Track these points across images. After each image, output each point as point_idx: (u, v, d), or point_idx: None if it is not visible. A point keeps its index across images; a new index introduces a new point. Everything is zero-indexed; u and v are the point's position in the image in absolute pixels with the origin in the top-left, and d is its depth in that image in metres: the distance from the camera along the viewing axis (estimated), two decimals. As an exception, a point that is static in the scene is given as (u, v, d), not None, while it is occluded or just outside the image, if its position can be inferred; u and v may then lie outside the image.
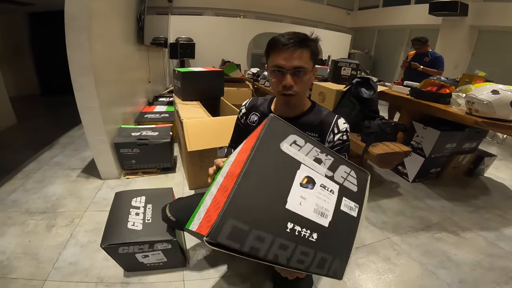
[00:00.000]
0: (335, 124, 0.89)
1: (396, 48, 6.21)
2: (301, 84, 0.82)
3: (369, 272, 1.31)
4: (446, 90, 2.01)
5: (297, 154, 0.55)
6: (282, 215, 0.48)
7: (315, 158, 0.57)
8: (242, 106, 1.08)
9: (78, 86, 1.61)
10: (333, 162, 0.59)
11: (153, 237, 1.07)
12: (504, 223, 1.80)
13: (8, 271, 1.19)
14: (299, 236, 0.49)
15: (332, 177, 0.57)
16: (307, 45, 0.79)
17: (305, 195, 0.52)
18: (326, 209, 0.54)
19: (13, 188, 1.83)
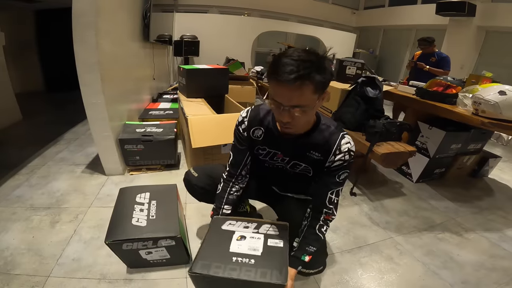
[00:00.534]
0: (338, 146, 0.87)
1: (401, 48, 6.16)
2: (301, 119, 0.76)
3: (372, 271, 1.31)
4: (452, 90, 1.98)
5: (232, 228, 0.97)
6: (228, 254, 0.85)
7: (244, 226, 0.98)
8: (242, 117, 0.99)
9: (84, 82, 1.61)
10: (257, 225, 0.98)
11: (157, 234, 1.07)
12: (507, 224, 1.79)
13: (11, 267, 1.19)
14: (242, 263, 0.83)
15: (257, 232, 0.95)
16: (309, 79, 0.67)
17: (241, 244, 0.90)
18: (256, 247, 0.89)
19: (17, 183, 1.84)
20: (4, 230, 1.41)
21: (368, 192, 2.03)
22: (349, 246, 1.47)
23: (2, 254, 1.25)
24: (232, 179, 1.05)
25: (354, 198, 1.94)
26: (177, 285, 1.15)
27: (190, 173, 1.21)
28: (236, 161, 1.03)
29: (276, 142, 0.94)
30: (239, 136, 1.00)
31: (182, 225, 1.24)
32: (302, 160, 0.93)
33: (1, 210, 1.55)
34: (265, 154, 0.98)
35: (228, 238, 0.91)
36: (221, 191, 1.06)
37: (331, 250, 1.43)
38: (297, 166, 0.96)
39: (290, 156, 0.94)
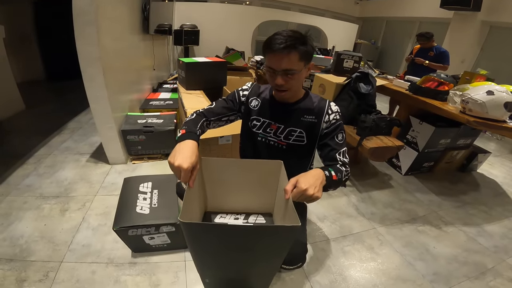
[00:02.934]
0: (328, 107, 1.00)
1: (404, 40, 6.09)
2: (292, 82, 0.90)
3: (353, 259, 1.43)
4: (445, 87, 2.04)
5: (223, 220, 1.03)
6: None
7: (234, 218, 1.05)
8: (247, 86, 1.10)
9: (87, 77, 1.68)
10: (246, 216, 1.06)
11: (159, 221, 1.18)
12: (487, 219, 1.87)
13: (27, 254, 1.29)
14: None
15: (247, 222, 1.03)
16: (295, 48, 0.83)
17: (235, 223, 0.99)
18: None
19: (26, 173, 1.92)
20: (18, 219, 1.50)
21: (358, 184, 2.13)
22: (334, 235, 1.58)
23: (17, 242, 1.35)
24: (203, 118, 0.99)
25: (343, 189, 2.05)
26: (176, 268, 1.27)
27: (181, 186, 1.19)
28: (215, 111, 1.02)
29: (271, 111, 1.04)
30: (235, 96, 1.07)
31: (181, 212, 1.35)
32: (297, 125, 1.01)
33: (13, 200, 1.64)
34: (259, 125, 1.06)
35: None
36: (195, 119, 0.96)
37: (317, 238, 1.54)
38: (292, 133, 1.03)
39: (285, 123, 1.03)
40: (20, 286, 1.13)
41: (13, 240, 1.36)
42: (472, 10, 4.10)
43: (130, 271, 1.24)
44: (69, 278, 1.19)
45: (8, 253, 1.28)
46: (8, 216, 1.51)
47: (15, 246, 1.32)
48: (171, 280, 1.22)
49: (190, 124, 0.92)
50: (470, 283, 1.35)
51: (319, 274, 1.32)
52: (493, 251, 1.58)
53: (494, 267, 1.46)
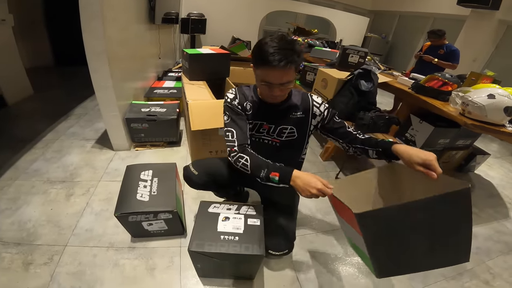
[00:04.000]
0: (313, 101, 1.09)
1: (415, 35, 5.91)
2: (287, 91, 0.98)
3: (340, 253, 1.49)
4: (448, 87, 2.03)
5: (217, 210, 1.16)
6: (217, 234, 1.06)
7: (227, 208, 1.17)
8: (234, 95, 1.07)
9: (93, 68, 1.73)
10: (237, 207, 1.18)
11: (158, 208, 1.26)
12: (476, 220, 1.88)
13: (34, 238, 1.37)
14: (229, 240, 1.03)
15: (238, 213, 1.15)
16: (293, 62, 0.87)
17: (226, 224, 1.10)
18: (239, 226, 1.09)
19: (34, 157, 2.00)
20: (26, 203, 1.58)
21: (353, 179, 2.16)
22: (324, 228, 1.64)
23: (25, 226, 1.43)
24: (244, 147, 1.01)
25: (337, 184, 2.08)
26: (172, 253, 1.36)
27: (189, 170, 1.23)
28: (242, 131, 1.03)
29: (261, 113, 1.08)
30: (234, 109, 1.05)
31: (179, 200, 1.43)
32: (287, 122, 1.09)
33: (21, 184, 1.72)
34: (251, 127, 1.10)
35: (214, 220, 1.11)
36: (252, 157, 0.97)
37: (307, 230, 1.60)
38: (283, 131, 1.10)
39: (276, 123, 1.09)
40: (26, 269, 1.21)
41: (21, 224, 1.43)
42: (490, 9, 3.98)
43: (128, 255, 1.32)
44: (72, 261, 1.27)
45: (16, 237, 1.36)
46: (17, 200, 1.59)
47: (22, 230, 1.40)
48: (166, 264, 1.30)
49: (263, 165, 0.95)
50: (446, 283, 1.38)
51: (306, 266, 1.38)
52: (474, 252, 1.60)
53: (473, 269, 1.49)
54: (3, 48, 2.72)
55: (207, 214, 1.14)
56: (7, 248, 1.29)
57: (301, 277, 1.32)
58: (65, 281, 1.18)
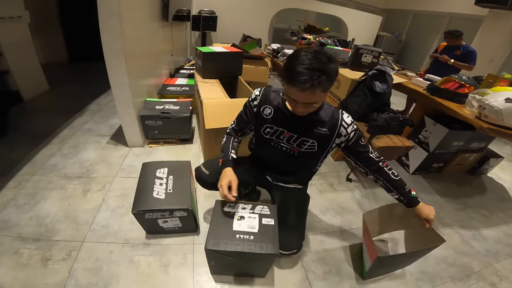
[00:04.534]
0: (342, 120, 1.04)
1: (430, 35, 5.78)
2: (312, 109, 0.95)
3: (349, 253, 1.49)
4: (465, 89, 1.99)
5: (232, 210, 1.18)
6: (232, 233, 1.08)
7: (242, 208, 1.19)
8: (255, 95, 1.13)
9: (110, 66, 1.77)
10: (252, 206, 1.20)
11: (173, 206, 1.28)
12: (486, 223, 1.88)
13: (52, 233, 1.40)
14: (244, 239, 1.06)
15: (253, 212, 1.17)
16: (320, 85, 0.82)
17: (241, 223, 1.12)
18: (254, 225, 1.11)
19: (51, 153, 2.04)
20: (43, 198, 1.61)
21: (364, 180, 2.16)
22: (334, 228, 1.65)
23: (43, 222, 1.46)
24: (233, 135, 1.24)
25: (349, 184, 2.09)
26: (185, 250, 1.39)
27: (201, 170, 1.33)
28: (239, 128, 1.23)
29: (285, 121, 1.08)
30: (248, 109, 1.16)
31: (193, 198, 1.45)
32: (310, 136, 1.07)
33: (39, 179, 1.76)
34: (272, 132, 1.12)
35: (230, 219, 1.13)
36: (226, 142, 1.23)
37: (317, 230, 1.61)
38: (304, 143, 1.09)
39: (298, 134, 1.08)
40: (45, 265, 1.24)
41: (39, 219, 1.47)
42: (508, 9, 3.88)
43: (143, 252, 1.35)
44: (89, 257, 1.30)
45: (35, 233, 1.39)
46: (35, 195, 1.62)
47: (41, 226, 1.43)
48: (180, 261, 1.33)
49: (224, 150, 1.20)
50: (453, 285, 1.39)
51: (315, 264, 1.40)
52: (483, 254, 1.61)
53: (480, 271, 1.49)
54: (20, 44, 2.78)
55: (222, 213, 1.16)
56: (26, 243, 1.33)
57: (310, 276, 1.34)
58: (82, 277, 1.21)
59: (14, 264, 1.23)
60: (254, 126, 1.20)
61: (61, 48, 4.39)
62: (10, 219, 1.45)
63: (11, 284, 1.15)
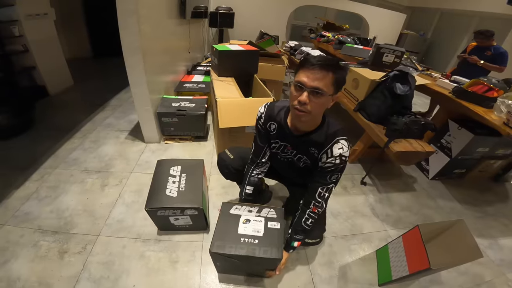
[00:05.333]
0: (330, 148, 0.97)
1: (458, 35, 5.47)
2: (315, 105, 0.86)
3: (357, 258, 1.47)
4: (494, 93, 1.88)
5: (238, 212, 1.17)
6: (237, 236, 1.08)
7: (248, 210, 1.18)
8: (260, 113, 1.13)
9: (129, 64, 1.81)
10: (258, 209, 1.18)
11: (185, 204, 1.31)
12: (505, 232, 1.80)
13: (70, 226, 1.45)
14: (248, 243, 1.05)
15: (259, 215, 1.16)
16: (332, 70, 0.82)
17: (246, 226, 1.11)
18: (259, 229, 1.10)
19: (73, 146, 2.13)
20: (64, 191, 1.68)
21: (379, 183, 2.10)
22: (344, 233, 1.62)
23: (63, 215, 1.52)
24: (253, 164, 1.24)
25: (363, 188, 2.04)
26: (195, 247, 1.41)
27: (225, 154, 1.37)
28: (256, 152, 1.22)
29: (285, 136, 1.09)
30: (259, 130, 1.17)
31: (204, 197, 1.47)
32: (304, 154, 1.07)
33: (60, 172, 1.84)
34: (277, 146, 1.14)
35: (236, 222, 1.13)
36: (245, 173, 1.27)
37: (328, 233, 1.58)
38: (301, 160, 1.11)
39: (296, 150, 1.10)
40: (62, 257, 1.29)
41: (59, 212, 1.53)
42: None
43: (154, 247, 1.39)
44: (103, 251, 1.34)
45: (54, 225, 1.45)
46: (56, 188, 1.70)
47: (60, 219, 1.49)
48: (188, 258, 1.35)
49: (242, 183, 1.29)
50: None
51: (321, 268, 1.39)
52: (497, 264, 1.55)
53: (492, 280, 1.44)
54: (46, 40, 2.91)
55: (229, 216, 1.16)
56: (45, 236, 1.39)
57: (316, 278, 1.33)
58: (95, 270, 1.25)
59: (33, 256, 1.29)
60: None
61: (85, 43, 4.56)
62: (32, 212, 1.52)
63: (27, 276, 1.20)
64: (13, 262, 1.25)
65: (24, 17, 2.56)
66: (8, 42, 2.55)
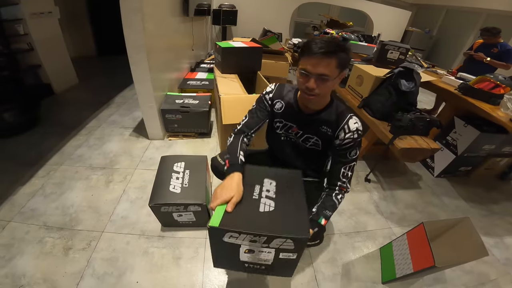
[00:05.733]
0: (346, 123, 0.97)
1: (464, 32, 5.38)
2: (323, 88, 0.90)
3: (360, 256, 1.46)
4: (500, 90, 1.86)
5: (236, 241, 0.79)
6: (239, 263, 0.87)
7: (250, 240, 0.77)
8: (271, 89, 1.12)
9: (133, 62, 1.82)
10: (267, 239, 0.76)
11: (188, 200, 1.31)
12: (511, 231, 1.78)
13: (75, 223, 1.46)
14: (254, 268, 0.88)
15: (268, 246, 0.79)
16: (335, 55, 0.84)
17: (249, 256, 0.83)
18: (267, 259, 0.84)
19: (78, 143, 2.15)
20: (69, 188, 1.69)
21: (383, 181, 2.09)
22: (348, 230, 1.61)
23: (68, 211, 1.53)
24: (242, 135, 1.11)
25: (367, 185, 2.03)
26: (198, 244, 1.41)
27: (217, 161, 1.25)
28: (250, 124, 1.12)
29: (293, 116, 1.08)
30: (262, 102, 1.13)
31: (208, 193, 1.47)
32: (315, 133, 1.05)
33: (66, 169, 1.86)
34: (281, 126, 1.12)
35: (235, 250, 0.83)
36: (233, 142, 1.08)
37: (332, 230, 1.58)
38: (309, 139, 1.08)
39: (304, 130, 1.07)
40: (66, 254, 1.30)
41: (64, 209, 1.55)
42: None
43: (158, 244, 1.39)
44: (107, 247, 1.35)
45: (59, 222, 1.46)
46: (62, 185, 1.71)
47: (65, 215, 1.50)
48: (192, 255, 1.36)
49: (231, 152, 1.03)
50: None
51: (324, 265, 1.38)
52: (502, 263, 1.53)
53: (496, 279, 1.42)
54: (51, 39, 2.93)
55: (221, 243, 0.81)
56: (50, 232, 1.40)
57: (319, 276, 1.32)
58: (99, 267, 1.26)
59: (38, 253, 1.30)
60: (268, 120, 1.18)
61: (90, 42, 4.58)
62: (38, 208, 1.54)
63: (33, 272, 1.21)
64: (18, 258, 1.26)
65: (29, 16, 2.57)
66: (13, 41, 2.57)
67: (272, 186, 0.94)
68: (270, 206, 0.85)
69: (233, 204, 0.82)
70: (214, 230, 0.77)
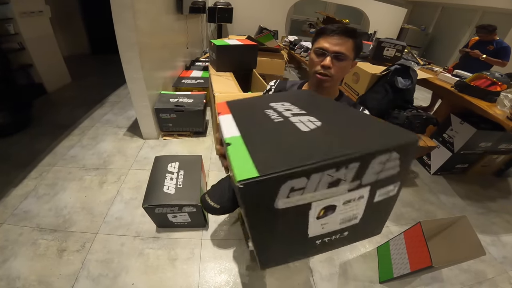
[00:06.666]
0: None
1: (460, 29, 5.38)
2: (338, 69, 0.87)
3: (357, 255, 1.45)
4: (497, 87, 1.86)
5: (301, 199, 0.40)
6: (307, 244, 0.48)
7: (329, 183, 0.39)
8: (271, 85, 1.11)
9: (125, 60, 1.78)
10: (360, 167, 0.38)
11: (183, 201, 1.29)
12: (508, 229, 1.78)
13: (69, 224, 1.44)
14: (329, 243, 0.50)
15: (359, 185, 0.42)
16: (352, 36, 0.86)
17: (326, 221, 0.45)
18: (354, 215, 0.47)
19: (71, 144, 2.11)
20: (63, 189, 1.66)
21: (380, 180, 2.08)
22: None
23: (61, 213, 1.51)
24: None
25: (363, 184, 2.01)
26: (193, 245, 1.40)
27: (206, 201, 1.17)
28: None
29: None
30: None
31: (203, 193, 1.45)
32: None
33: (59, 170, 1.82)
34: None
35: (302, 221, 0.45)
36: None
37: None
38: None
39: None
40: (60, 256, 1.28)
41: (57, 210, 1.52)
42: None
43: (153, 245, 1.37)
44: (102, 249, 1.33)
45: (53, 223, 1.44)
46: (55, 186, 1.68)
47: (59, 217, 1.48)
48: (187, 255, 1.34)
49: None
50: None
51: (321, 265, 1.37)
52: (499, 261, 1.53)
53: (494, 278, 1.43)
54: (42, 38, 2.87)
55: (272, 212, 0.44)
56: (44, 234, 1.38)
57: (316, 276, 1.32)
58: (94, 269, 1.24)
59: (32, 255, 1.28)
60: None
61: (83, 40, 4.51)
62: (31, 210, 1.51)
63: (27, 274, 1.19)
64: (12, 260, 1.24)
65: (19, 15, 2.53)
66: (4, 40, 2.52)
67: (291, 106, 0.58)
68: (312, 122, 0.48)
69: None
70: (252, 188, 0.34)
